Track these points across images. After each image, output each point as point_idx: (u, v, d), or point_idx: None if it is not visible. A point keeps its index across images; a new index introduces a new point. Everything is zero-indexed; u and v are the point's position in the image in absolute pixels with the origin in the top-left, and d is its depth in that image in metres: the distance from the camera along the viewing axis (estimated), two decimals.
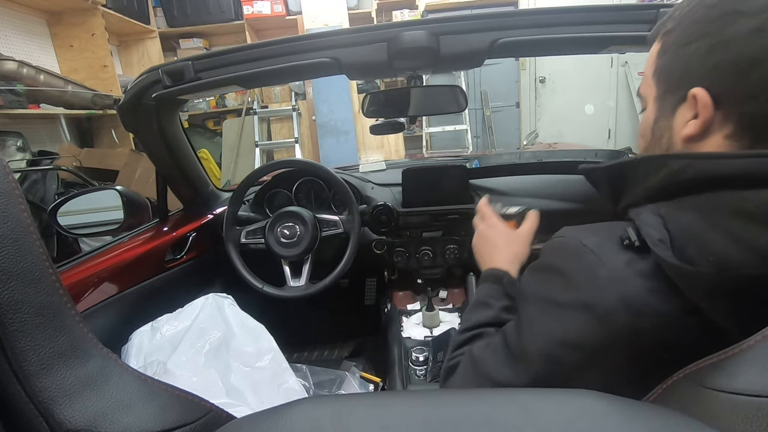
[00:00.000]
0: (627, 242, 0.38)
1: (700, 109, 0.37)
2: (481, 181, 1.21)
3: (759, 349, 0.29)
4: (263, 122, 3.71)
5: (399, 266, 1.24)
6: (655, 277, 0.36)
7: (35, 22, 2.52)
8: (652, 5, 0.71)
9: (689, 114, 0.39)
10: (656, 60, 0.43)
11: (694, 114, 0.38)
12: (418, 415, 0.29)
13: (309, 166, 1.15)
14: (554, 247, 0.45)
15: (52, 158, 2.16)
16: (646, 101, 0.45)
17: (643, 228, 0.37)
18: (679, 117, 0.40)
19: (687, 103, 0.39)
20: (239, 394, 0.75)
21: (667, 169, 0.37)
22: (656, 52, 0.43)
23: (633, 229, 0.38)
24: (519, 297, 0.49)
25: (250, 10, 3.57)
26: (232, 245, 1.06)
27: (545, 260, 0.46)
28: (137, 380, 0.38)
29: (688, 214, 0.35)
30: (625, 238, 0.38)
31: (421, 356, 0.95)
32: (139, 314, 0.86)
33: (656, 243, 0.35)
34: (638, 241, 0.37)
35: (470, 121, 3.74)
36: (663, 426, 0.26)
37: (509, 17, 0.73)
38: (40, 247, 0.34)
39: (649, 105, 0.45)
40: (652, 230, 0.36)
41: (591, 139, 4.00)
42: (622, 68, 3.92)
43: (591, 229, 0.42)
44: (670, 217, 0.36)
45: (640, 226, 0.37)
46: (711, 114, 0.37)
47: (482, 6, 3.61)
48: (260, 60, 0.79)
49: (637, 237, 0.37)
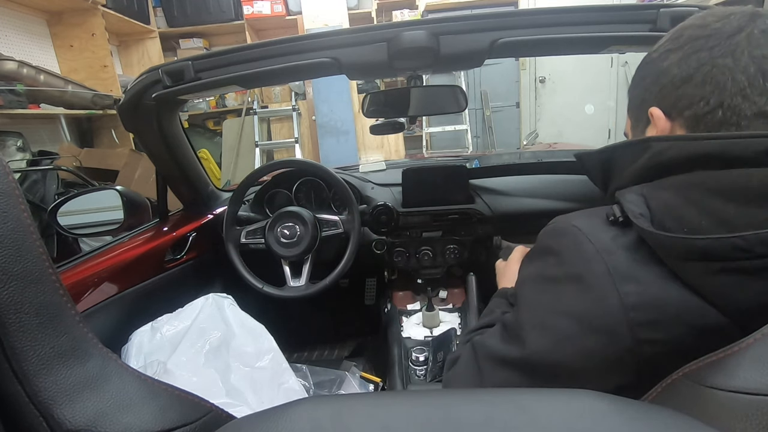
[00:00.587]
0: (612, 218, 0.43)
1: (655, 122, 0.46)
2: (481, 181, 1.22)
3: (758, 347, 0.29)
4: (263, 122, 3.71)
5: (399, 266, 1.24)
6: (637, 249, 0.40)
7: (35, 22, 2.52)
8: (652, 5, 0.71)
9: (653, 131, 0.47)
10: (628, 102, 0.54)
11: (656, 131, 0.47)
12: (418, 415, 0.29)
13: (309, 166, 1.15)
14: (547, 231, 0.49)
15: (52, 158, 2.16)
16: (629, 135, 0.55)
17: (625, 205, 0.42)
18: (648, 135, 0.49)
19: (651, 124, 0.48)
20: (239, 394, 0.75)
21: (651, 150, 0.42)
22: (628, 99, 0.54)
23: (618, 207, 0.43)
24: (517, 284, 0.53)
25: (250, 10, 3.57)
26: (232, 245, 1.06)
27: (539, 244, 0.50)
28: (137, 380, 0.38)
29: (667, 192, 0.40)
30: (610, 215, 0.43)
31: (421, 356, 0.95)
32: (139, 314, 0.86)
33: (637, 216, 0.40)
34: (622, 217, 0.42)
35: (470, 121, 3.74)
36: (663, 426, 0.26)
37: (509, 17, 0.73)
38: (40, 247, 0.34)
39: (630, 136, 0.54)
40: (633, 206, 0.41)
41: (591, 139, 4.00)
42: (622, 68, 3.92)
43: (581, 213, 0.48)
44: (651, 195, 0.41)
45: (623, 203, 0.42)
46: (666, 124, 0.45)
47: (482, 6, 3.61)
48: (260, 60, 0.79)
49: (621, 213, 0.42)
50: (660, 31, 0.70)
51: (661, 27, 0.70)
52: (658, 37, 0.49)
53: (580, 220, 0.46)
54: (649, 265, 0.39)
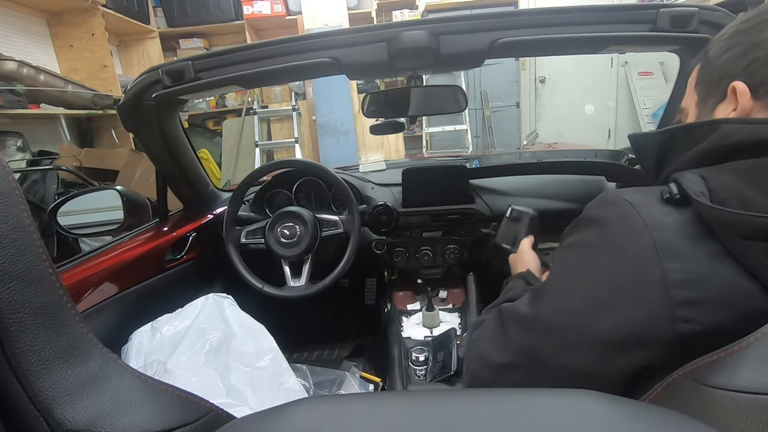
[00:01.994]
0: (667, 196, 0.40)
1: (739, 98, 0.42)
2: (481, 181, 1.21)
3: (758, 346, 0.29)
4: (263, 122, 3.71)
5: (399, 266, 1.24)
6: (691, 226, 0.38)
7: (35, 22, 2.52)
8: (652, 5, 0.71)
9: (729, 108, 0.43)
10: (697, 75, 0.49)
11: (734, 107, 0.43)
12: (418, 415, 0.29)
13: (309, 166, 1.15)
14: (595, 202, 0.47)
15: (52, 158, 2.16)
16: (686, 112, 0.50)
17: (684, 183, 0.39)
18: (719, 112, 0.45)
19: (727, 100, 0.43)
20: (239, 394, 0.75)
21: (719, 132, 0.40)
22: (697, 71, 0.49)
23: (675, 185, 0.40)
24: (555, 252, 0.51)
25: (250, 10, 3.57)
26: (232, 245, 1.06)
27: (585, 213, 0.47)
28: (137, 380, 0.38)
29: (730, 176, 0.38)
30: (665, 193, 0.41)
31: (421, 356, 0.95)
32: (139, 314, 0.86)
33: (698, 194, 0.38)
34: (678, 195, 0.39)
35: (470, 121, 3.74)
36: (663, 426, 0.26)
37: (509, 17, 0.73)
38: (40, 247, 0.34)
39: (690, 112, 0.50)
40: (693, 185, 0.39)
41: (591, 139, 4.00)
42: (622, 68, 3.92)
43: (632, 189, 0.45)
44: (712, 177, 0.39)
45: (682, 182, 0.40)
46: (750, 102, 0.41)
47: (482, 6, 3.61)
48: (260, 60, 0.79)
49: (678, 191, 0.40)
50: (660, 31, 0.70)
51: (661, 27, 0.70)
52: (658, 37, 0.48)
53: (631, 194, 0.43)
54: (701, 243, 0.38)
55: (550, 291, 0.47)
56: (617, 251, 0.41)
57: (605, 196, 0.46)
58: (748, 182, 0.37)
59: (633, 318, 0.39)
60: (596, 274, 0.42)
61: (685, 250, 0.38)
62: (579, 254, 0.46)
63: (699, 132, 0.42)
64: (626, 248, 0.40)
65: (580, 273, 0.44)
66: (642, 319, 0.39)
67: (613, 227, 0.42)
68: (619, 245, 0.41)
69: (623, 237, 0.41)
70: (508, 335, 0.50)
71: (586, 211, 0.47)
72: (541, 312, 0.46)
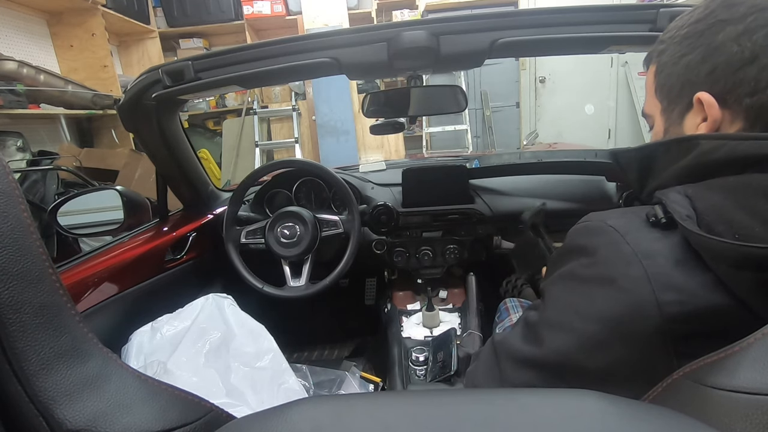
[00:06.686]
0: (653, 219, 0.38)
1: (707, 110, 0.40)
2: (481, 181, 1.21)
3: (759, 346, 0.29)
4: (263, 122, 3.71)
5: (399, 266, 1.24)
6: (681, 253, 0.36)
7: (35, 22, 2.52)
8: (652, 5, 0.71)
9: (698, 118, 0.41)
10: (654, 80, 0.46)
11: (703, 117, 0.40)
12: (418, 415, 0.29)
13: (309, 166, 1.15)
14: (578, 229, 0.45)
15: (52, 158, 2.16)
16: (652, 118, 0.48)
17: (670, 205, 0.37)
18: (688, 123, 0.43)
19: (694, 110, 0.41)
20: (239, 394, 0.75)
21: (699, 149, 0.38)
22: (653, 73, 0.47)
23: (660, 207, 0.38)
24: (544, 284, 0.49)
25: (250, 10, 3.57)
26: (232, 245, 1.06)
27: (569, 242, 0.46)
28: (137, 380, 0.38)
29: (716, 194, 0.36)
30: (651, 216, 0.39)
31: (421, 356, 0.95)
32: (139, 314, 0.86)
33: (684, 218, 0.36)
34: (664, 218, 0.37)
35: (470, 121, 3.74)
36: (663, 426, 0.26)
37: (509, 17, 0.73)
38: (40, 247, 0.34)
39: (656, 119, 0.47)
40: (679, 207, 0.36)
41: (591, 139, 4.00)
42: (622, 68, 3.92)
43: (616, 212, 0.43)
44: (698, 196, 0.37)
45: (667, 204, 0.38)
46: (718, 113, 0.39)
47: (482, 6, 3.61)
48: (260, 60, 0.79)
49: (663, 214, 0.38)
50: (660, 31, 0.70)
51: (661, 27, 0.70)
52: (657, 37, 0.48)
53: (615, 219, 0.41)
54: (694, 273, 0.35)
55: (544, 328, 0.45)
56: (608, 284, 0.39)
57: (588, 224, 0.44)
58: (735, 201, 0.35)
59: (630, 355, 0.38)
60: (589, 311, 0.40)
61: (680, 281, 0.36)
62: (568, 288, 0.44)
63: (676, 150, 0.41)
64: (616, 280, 0.38)
65: (571, 308, 0.42)
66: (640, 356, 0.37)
67: (600, 257, 0.40)
68: (609, 277, 0.39)
69: (613, 267, 0.39)
70: (503, 372, 0.49)
71: (572, 240, 0.45)
72: (536, 351, 0.45)
